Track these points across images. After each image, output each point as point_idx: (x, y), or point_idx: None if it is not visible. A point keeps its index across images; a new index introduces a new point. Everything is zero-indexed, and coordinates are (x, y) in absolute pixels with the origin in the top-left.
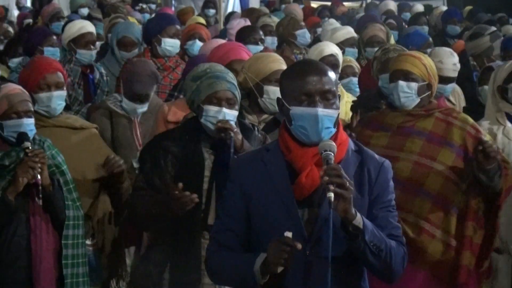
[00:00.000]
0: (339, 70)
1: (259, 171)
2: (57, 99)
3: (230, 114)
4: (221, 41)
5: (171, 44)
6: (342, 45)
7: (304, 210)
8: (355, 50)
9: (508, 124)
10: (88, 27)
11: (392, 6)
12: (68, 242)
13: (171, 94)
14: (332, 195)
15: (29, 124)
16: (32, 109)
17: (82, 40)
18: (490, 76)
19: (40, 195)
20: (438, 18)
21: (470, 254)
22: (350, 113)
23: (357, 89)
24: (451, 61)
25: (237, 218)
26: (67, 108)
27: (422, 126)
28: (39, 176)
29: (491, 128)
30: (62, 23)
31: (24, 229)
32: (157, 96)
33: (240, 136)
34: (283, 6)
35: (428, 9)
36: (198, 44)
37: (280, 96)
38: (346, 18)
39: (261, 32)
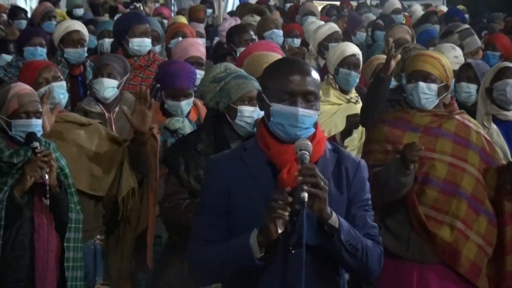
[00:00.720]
0: (360, 71)
1: (239, 169)
2: (59, 89)
3: (262, 113)
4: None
5: (138, 44)
6: (325, 41)
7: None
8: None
9: (493, 126)
10: (76, 25)
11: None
12: (70, 245)
13: None
14: (306, 195)
15: (37, 125)
16: (41, 109)
17: (69, 39)
18: (467, 72)
19: (48, 195)
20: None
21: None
22: None
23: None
24: (452, 54)
25: (220, 213)
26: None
27: (447, 127)
28: (46, 176)
29: None
30: (54, 22)
31: (28, 228)
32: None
33: None
34: (288, 5)
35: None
36: None
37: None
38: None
39: (251, 32)
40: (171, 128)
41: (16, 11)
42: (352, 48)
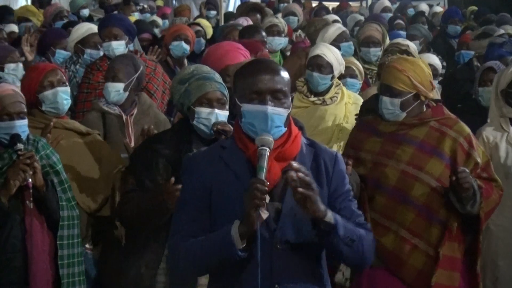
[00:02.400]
0: (334, 70)
1: (218, 167)
2: (63, 94)
3: (222, 115)
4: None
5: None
6: (335, 42)
7: (269, 203)
8: (349, 43)
9: None
10: (95, 28)
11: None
12: (64, 242)
13: None
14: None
15: (21, 126)
16: (25, 109)
17: (91, 41)
18: (489, 76)
19: (31, 198)
20: (439, 17)
21: (443, 271)
22: (350, 115)
23: (354, 90)
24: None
25: (200, 208)
26: (70, 109)
27: (414, 134)
28: (30, 180)
29: (495, 135)
30: (65, 21)
31: (19, 230)
32: None
33: None
34: (282, 5)
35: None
36: (183, 46)
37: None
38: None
39: (263, 33)
40: None
41: (4, 14)
42: (319, 49)
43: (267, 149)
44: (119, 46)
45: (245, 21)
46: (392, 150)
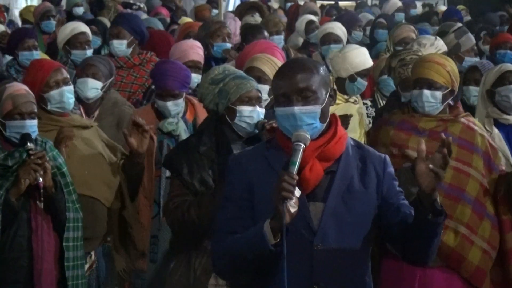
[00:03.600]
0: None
1: (262, 165)
2: (68, 93)
3: (262, 112)
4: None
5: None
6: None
7: (309, 204)
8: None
9: (495, 130)
10: (81, 27)
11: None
12: (70, 244)
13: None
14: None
15: (32, 126)
16: (36, 110)
17: (76, 41)
18: (474, 75)
19: (42, 198)
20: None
21: None
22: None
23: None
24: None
25: (243, 206)
26: None
27: (451, 130)
28: (41, 179)
29: None
30: (53, 21)
31: (26, 229)
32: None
33: None
34: (288, 4)
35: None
36: None
37: None
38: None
39: (266, 33)
40: (164, 131)
41: None
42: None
43: (302, 144)
44: (119, 45)
45: (233, 21)
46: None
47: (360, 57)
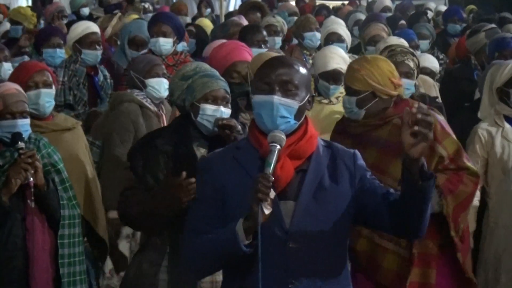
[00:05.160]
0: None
1: (232, 167)
2: (46, 97)
3: (226, 113)
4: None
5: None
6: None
7: (280, 203)
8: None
9: (507, 125)
10: (93, 27)
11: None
12: (64, 241)
13: None
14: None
15: (24, 125)
16: (28, 109)
17: (87, 41)
18: None
19: (32, 197)
20: (439, 17)
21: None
22: None
23: None
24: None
25: (214, 207)
26: (71, 108)
27: (378, 135)
28: (31, 178)
29: (490, 131)
30: (65, 22)
31: (20, 228)
32: None
33: (241, 136)
34: (280, 4)
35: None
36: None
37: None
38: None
39: (264, 33)
40: None
41: None
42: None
43: (278, 145)
44: (166, 43)
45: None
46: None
47: (323, 59)
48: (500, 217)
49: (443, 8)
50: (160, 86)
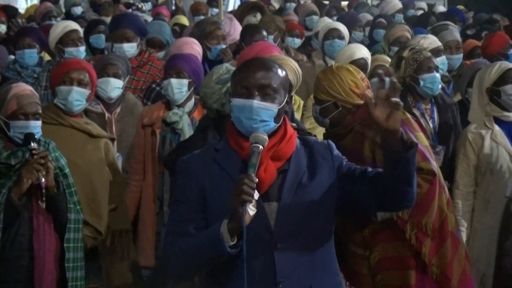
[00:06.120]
0: (367, 73)
1: (213, 169)
2: (76, 95)
3: None
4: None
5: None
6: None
7: (264, 204)
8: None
9: (496, 127)
10: (72, 25)
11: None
12: (70, 245)
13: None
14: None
15: (36, 127)
16: (40, 111)
17: (68, 39)
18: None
19: (44, 198)
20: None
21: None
22: None
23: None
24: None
25: (196, 209)
26: None
27: (344, 144)
28: (43, 179)
29: (479, 132)
30: (54, 22)
31: (27, 228)
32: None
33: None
34: (289, 5)
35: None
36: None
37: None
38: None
39: (264, 33)
40: (168, 120)
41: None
42: (362, 51)
43: (260, 146)
44: (130, 49)
45: (229, 21)
46: None
47: (349, 51)
48: (484, 217)
49: (442, 8)
50: (107, 86)
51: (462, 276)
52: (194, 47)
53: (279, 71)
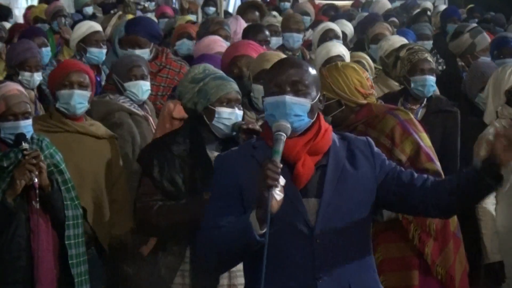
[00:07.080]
0: None
1: (250, 165)
2: (78, 97)
3: (240, 114)
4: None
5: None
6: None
7: (303, 200)
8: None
9: None
10: (96, 26)
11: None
12: (71, 242)
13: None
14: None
15: (26, 126)
16: (30, 109)
17: (92, 39)
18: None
19: (37, 198)
20: (438, 17)
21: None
22: None
23: None
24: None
25: (231, 203)
26: None
27: None
28: (36, 179)
29: None
30: (66, 21)
31: (24, 229)
32: None
33: None
34: (283, 4)
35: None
36: (186, 43)
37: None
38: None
39: (267, 32)
40: None
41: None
42: (338, 49)
43: (283, 134)
44: (142, 55)
45: (234, 20)
46: None
47: (325, 49)
48: (503, 220)
49: (444, 7)
50: (138, 89)
51: (463, 276)
52: (223, 45)
53: (310, 68)
